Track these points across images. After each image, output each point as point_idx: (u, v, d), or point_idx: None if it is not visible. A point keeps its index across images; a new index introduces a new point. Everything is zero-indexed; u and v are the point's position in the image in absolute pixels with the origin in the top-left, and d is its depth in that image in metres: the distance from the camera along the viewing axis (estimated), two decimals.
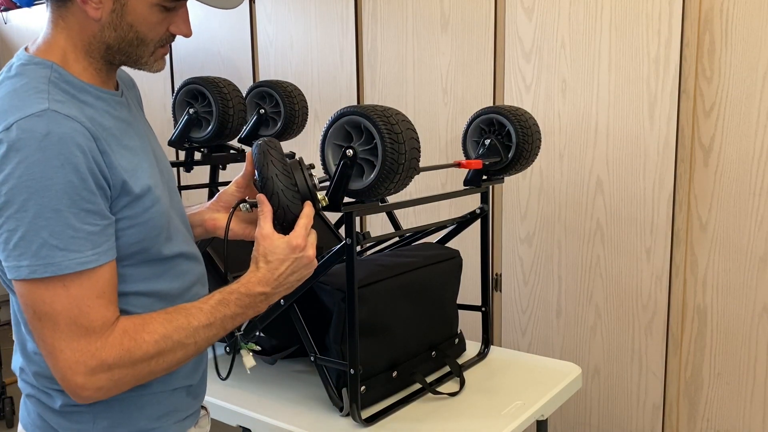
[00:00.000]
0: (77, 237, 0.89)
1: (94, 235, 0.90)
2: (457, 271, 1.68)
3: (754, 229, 1.89)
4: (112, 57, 1.00)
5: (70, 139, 0.89)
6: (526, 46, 2.16)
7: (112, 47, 0.98)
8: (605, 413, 2.18)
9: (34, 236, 0.87)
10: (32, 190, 0.86)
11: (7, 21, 4.02)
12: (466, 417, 1.35)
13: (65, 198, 0.87)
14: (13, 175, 0.86)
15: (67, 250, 0.88)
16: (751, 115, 1.85)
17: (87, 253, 0.90)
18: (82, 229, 0.89)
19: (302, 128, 1.93)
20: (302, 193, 1.14)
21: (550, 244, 2.21)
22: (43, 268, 0.87)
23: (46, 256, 0.87)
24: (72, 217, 0.88)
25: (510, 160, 1.64)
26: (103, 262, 0.92)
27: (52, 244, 0.87)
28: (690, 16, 1.89)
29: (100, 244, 0.91)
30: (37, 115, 0.88)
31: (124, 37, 0.98)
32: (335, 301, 1.41)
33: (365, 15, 2.50)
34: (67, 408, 1.01)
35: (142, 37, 0.99)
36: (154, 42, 1.01)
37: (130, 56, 1.01)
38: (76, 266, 0.89)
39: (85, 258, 0.89)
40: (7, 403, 3.12)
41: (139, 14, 0.97)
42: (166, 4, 0.98)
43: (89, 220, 0.90)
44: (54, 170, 0.87)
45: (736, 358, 1.96)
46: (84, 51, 0.99)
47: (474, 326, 1.86)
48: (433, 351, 1.58)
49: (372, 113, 1.26)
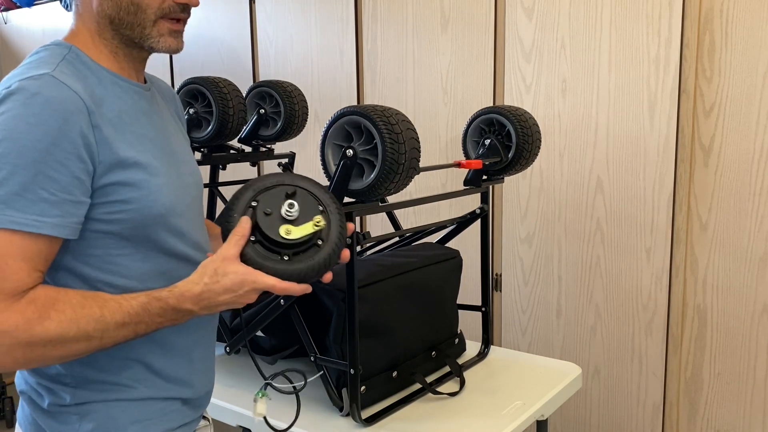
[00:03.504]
0: (24, 197, 0.86)
1: (45, 203, 0.88)
2: (457, 271, 1.68)
3: (754, 229, 1.89)
4: (120, 35, 1.01)
5: (57, 104, 0.89)
6: (526, 46, 2.16)
7: (114, 19, 1.00)
8: (605, 413, 2.18)
9: None
10: (0, 140, 0.87)
11: (7, 21, 4.02)
12: (466, 417, 1.35)
13: (26, 156, 0.86)
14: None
15: (6, 205, 0.86)
16: (751, 115, 1.85)
17: (28, 215, 0.87)
18: (33, 191, 0.87)
19: (302, 128, 1.93)
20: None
21: (550, 244, 2.21)
22: None
23: None
24: (28, 176, 0.86)
25: (510, 160, 1.64)
26: (44, 232, 0.88)
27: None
28: (690, 16, 1.89)
29: (48, 214, 0.88)
30: (35, 78, 0.90)
31: (120, 4, 0.99)
32: (335, 301, 1.41)
33: (365, 15, 2.50)
34: (53, 408, 1.01)
35: (137, 2, 0.99)
36: (153, 9, 1.00)
37: (133, 27, 1.00)
38: (9, 223, 0.86)
39: (24, 219, 0.86)
40: (7, 403, 3.12)
41: None
42: None
43: (46, 186, 0.88)
44: (27, 126, 0.87)
45: (736, 358, 1.96)
46: (97, 33, 1.01)
47: (474, 326, 1.86)
48: (433, 351, 1.58)
49: (372, 113, 1.26)
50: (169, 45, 1.03)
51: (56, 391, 1.01)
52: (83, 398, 1.00)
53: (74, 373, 1.00)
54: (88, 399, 1.01)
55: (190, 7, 1.04)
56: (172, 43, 1.03)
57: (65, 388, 1.01)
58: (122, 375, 1.02)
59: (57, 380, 1.01)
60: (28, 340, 0.88)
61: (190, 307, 0.96)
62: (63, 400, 1.01)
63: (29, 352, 0.89)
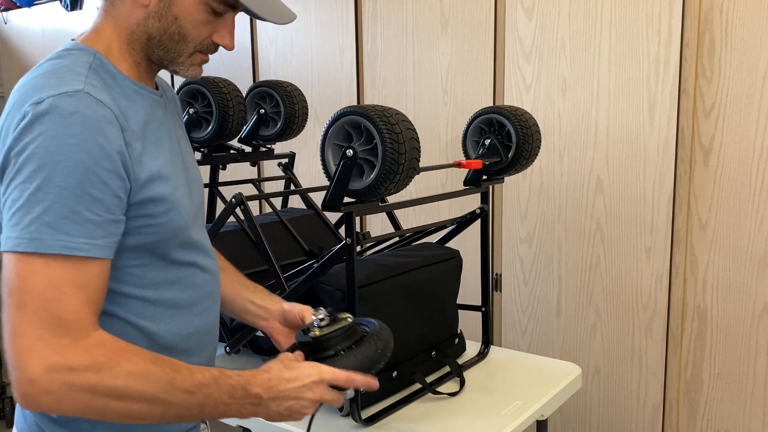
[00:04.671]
0: (72, 220, 0.84)
1: (92, 225, 0.86)
2: (457, 271, 1.68)
3: (754, 229, 1.89)
4: (152, 51, 1.00)
5: (96, 123, 0.87)
6: (526, 46, 2.16)
7: (153, 38, 0.98)
8: (605, 413, 2.18)
9: (30, 209, 0.84)
10: (42, 163, 0.84)
11: (7, 21, 4.02)
12: (466, 417, 1.35)
13: (71, 177, 0.84)
14: (30, 145, 0.85)
15: (56, 230, 0.84)
16: (751, 115, 1.85)
17: (78, 239, 0.85)
18: (81, 213, 0.85)
19: (302, 128, 1.93)
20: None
21: (550, 244, 2.21)
22: (28, 242, 0.83)
23: (34, 230, 0.83)
24: (73, 198, 0.84)
25: (510, 160, 1.64)
26: (94, 255, 0.86)
27: (44, 220, 0.83)
28: (690, 16, 1.89)
29: (95, 237, 0.86)
30: (70, 95, 0.87)
31: (167, 30, 0.98)
32: (335, 301, 1.41)
33: (365, 15, 2.50)
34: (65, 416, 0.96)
35: (184, 33, 0.98)
36: (195, 42, 1.00)
37: (169, 52, 1.00)
38: (61, 248, 0.84)
39: (75, 244, 0.84)
40: (7, 403, 3.12)
41: (185, 8, 0.97)
42: (215, 6, 0.98)
43: (91, 207, 0.86)
44: (69, 148, 0.85)
45: (736, 358, 1.95)
46: (127, 41, 0.99)
47: (474, 326, 1.86)
48: (433, 351, 1.58)
49: (372, 113, 1.26)
50: (195, 74, 1.04)
51: None
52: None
53: None
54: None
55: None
56: (198, 73, 1.04)
57: None
58: None
59: None
60: (93, 385, 0.84)
61: (258, 391, 0.95)
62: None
63: (92, 398, 0.85)
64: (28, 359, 0.82)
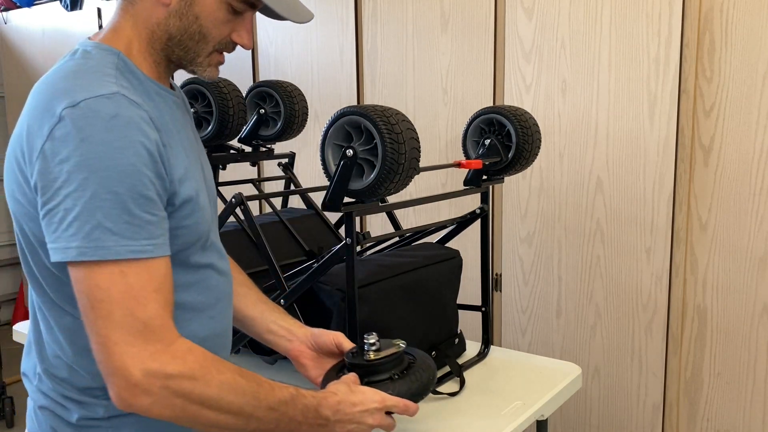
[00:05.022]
0: (132, 224, 0.85)
1: (151, 225, 0.87)
2: (457, 271, 1.68)
3: (754, 229, 1.89)
4: (171, 51, 0.99)
5: (136, 124, 0.87)
6: (526, 46, 2.16)
7: (174, 38, 0.98)
8: (605, 413, 2.18)
9: (89, 217, 0.83)
10: (92, 170, 0.83)
11: (7, 21, 4.02)
12: (466, 417, 1.35)
13: (125, 181, 0.84)
14: (76, 152, 0.83)
15: (120, 236, 0.84)
16: (751, 115, 1.85)
17: (141, 241, 0.86)
18: (139, 216, 0.86)
19: (302, 128, 1.93)
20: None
21: (550, 244, 2.21)
22: (93, 250, 0.83)
23: (97, 238, 0.83)
24: (130, 201, 0.85)
25: (510, 160, 1.64)
26: (158, 254, 0.88)
27: (106, 227, 0.83)
28: (690, 16, 1.89)
29: (155, 236, 0.87)
30: (107, 97, 0.86)
31: (187, 29, 0.97)
32: (335, 301, 1.41)
33: (365, 15, 2.50)
34: (84, 422, 0.97)
35: (204, 33, 0.98)
36: (215, 42, 1.00)
37: (189, 52, 0.99)
38: (128, 253, 0.85)
39: (139, 246, 0.85)
40: (7, 403, 3.12)
41: (206, 7, 0.97)
42: (236, 5, 0.98)
43: (147, 209, 0.87)
44: (117, 152, 0.84)
45: (736, 358, 1.95)
46: (147, 41, 0.98)
47: (474, 326, 1.86)
48: (433, 351, 1.58)
49: (372, 113, 1.26)
50: (211, 75, 1.04)
51: (87, 404, 0.97)
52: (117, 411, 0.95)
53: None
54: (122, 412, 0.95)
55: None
56: (214, 74, 1.04)
57: (98, 401, 0.96)
58: None
59: (88, 393, 0.97)
60: (189, 392, 0.87)
61: (328, 414, 0.99)
62: (95, 413, 0.97)
63: (185, 404, 0.87)
64: (127, 365, 0.84)
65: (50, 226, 0.85)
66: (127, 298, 0.85)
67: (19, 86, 4.03)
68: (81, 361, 0.96)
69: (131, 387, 0.84)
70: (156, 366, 0.85)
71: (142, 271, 0.86)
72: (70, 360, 0.96)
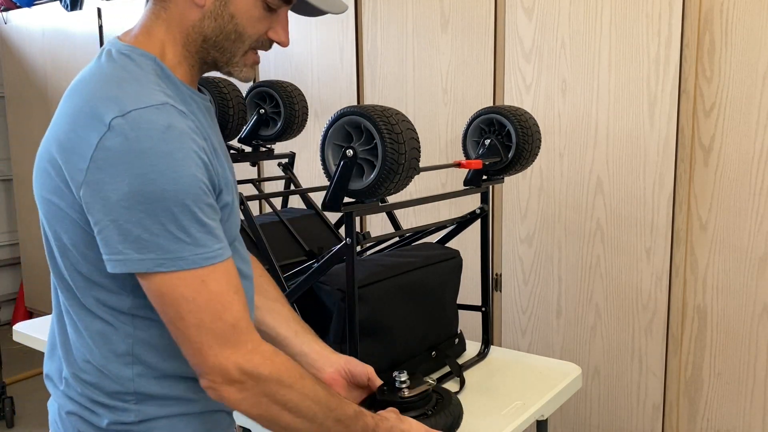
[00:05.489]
0: (203, 232, 0.87)
1: (216, 230, 0.89)
2: (457, 271, 1.68)
3: (754, 229, 1.89)
4: (207, 53, 0.98)
5: (189, 134, 0.87)
6: (526, 46, 2.16)
7: (209, 39, 0.96)
8: (605, 413, 2.18)
9: (162, 229, 0.84)
10: (158, 183, 0.83)
11: (7, 21, 4.02)
12: (466, 417, 1.34)
13: (191, 192, 0.85)
14: (135, 165, 0.83)
15: (195, 245, 0.86)
16: (751, 115, 1.85)
17: (213, 247, 0.88)
18: (207, 223, 0.88)
19: (302, 128, 1.93)
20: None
21: (550, 244, 2.21)
22: (171, 262, 0.85)
23: (174, 249, 0.85)
24: (198, 211, 0.86)
25: (510, 160, 1.64)
26: (227, 256, 0.90)
27: (179, 237, 0.85)
28: (690, 16, 1.89)
29: (221, 239, 0.90)
30: (157, 108, 0.86)
31: (223, 29, 0.96)
32: (335, 301, 1.41)
33: (365, 15, 2.50)
34: (115, 426, 0.96)
35: (240, 32, 0.97)
36: (251, 40, 0.99)
37: (225, 52, 0.98)
38: (203, 261, 0.87)
39: (213, 252, 0.88)
40: (7, 403, 3.11)
41: (242, 6, 0.95)
42: (271, 2, 0.97)
43: (210, 215, 0.89)
44: (179, 163, 0.84)
45: (736, 358, 1.95)
46: (181, 44, 0.97)
47: (474, 326, 1.86)
48: (433, 351, 1.58)
49: (372, 113, 1.26)
50: (247, 76, 1.03)
51: (118, 408, 0.96)
52: (147, 415, 0.96)
53: (137, 389, 0.96)
54: (153, 415, 0.97)
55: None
56: (250, 74, 1.03)
57: (128, 405, 0.96)
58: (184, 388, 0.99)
59: (118, 397, 0.96)
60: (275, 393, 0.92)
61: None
62: (126, 418, 0.96)
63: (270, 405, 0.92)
64: (225, 366, 0.89)
65: (112, 238, 0.85)
66: (213, 303, 0.88)
67: (19, 86, 4.03)
68: (110, 366, 0.95)
69: (228, 383, 0.89)
70: (250, 366, 0.89)
71: (220, 275, 0.89)
72: (100, 364, 0.96)
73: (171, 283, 0.86)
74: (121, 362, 0.95)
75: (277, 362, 0.92)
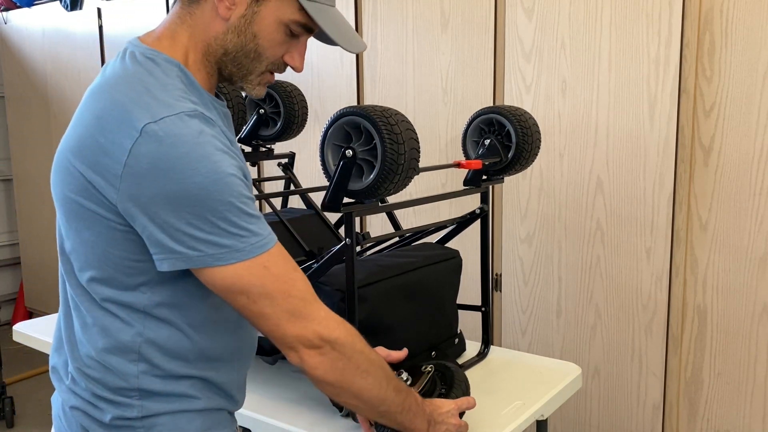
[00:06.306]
0: (252, 222, 0.91)
1: (262, 219, 0.94)
2: (457, 271, 1.68)
3: (754, 229, 1.89)
4: (224, 66, 1.00)
5: (219, 138, 0.91)
6: (526, 46, 2.16)
7: (229, 53, 0.99)
8: (605, 413, 2.18)
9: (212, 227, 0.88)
10: (200, 186, 0.86)
11: (7, 21, 4.02)
12: (466, 417, 1.34)
13: (234, 190, 0.89)
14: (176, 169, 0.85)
15: (250, 235, 0.90)
16: (751, 115, 1.85)
17: (265, 233, 0.93)
18: (253, 214, 0.92)
19: (302, 128, 1.93)
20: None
21: (550, 244, 2.21)
22: (230, 254, 0.89)
23: (230, 244, 0.89)
24: (243, 205, 0.90)
25: (510, 160, 1.64)
26: (276, 239, 0.95)
27: (232, 233, 0.89)
28: (690, 16, 1.89)
29: (267, 225, 0.94)
30: (188, 114, 0.88)
31: (244, 46, 0.98)
32: (335, 302, 1.41)
33: (365, 15, 2.50)
34: (118, 422, 0.98)
35: (260, 52, 0.99)
36: (269, 61, 1.01)
37: (241, 68, 1.00)
38: (260, 249, 0.92)
39: (266, 239, 0.93)
40: (7, 403, 3.11)
41: (265, 27, 0.97)
42: (293, 28, 0.99)
43: (253, 206, 0.93)
44: (216, 165, 0.88)
45: (736, 358, 1.95)
46: (202, 52, 0.99)
47: (474, 326, 1.86)
48: (433, 351, 1.58)
49: (372, 113, 1.26)
50: (259, 94, 1.05)
51: (121, 403, 0.98)
52: (150, 410, 0.98)
53: (141, 386, 0.98)
54: (156, 411, 0.98)
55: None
56: (262, 93, 1.06)
57: (131, 401, 0.98)
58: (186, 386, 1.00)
59: (121, 393, 0.98)
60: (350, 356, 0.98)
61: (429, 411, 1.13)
62: (129, 413, 0.98)
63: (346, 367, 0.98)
64: (304, 335, 0.95)
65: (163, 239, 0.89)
66: (280, 284, 0.93)
67: (19, 86, 4.03)
68: (115, 363, 0.97)
69: (310, 348, 0.95)
70: (326, 332, 0.96)
71: (278, 257, 0.94)
72: (105, 361, 0.97)
73: (236, 273, 0.91)
74: (127, 359, 0.96)
75: (348, 327, 0.99)
